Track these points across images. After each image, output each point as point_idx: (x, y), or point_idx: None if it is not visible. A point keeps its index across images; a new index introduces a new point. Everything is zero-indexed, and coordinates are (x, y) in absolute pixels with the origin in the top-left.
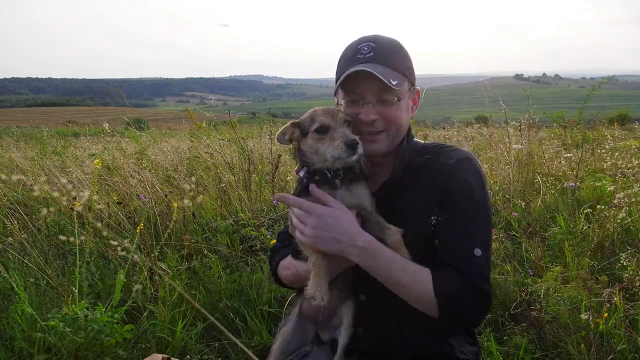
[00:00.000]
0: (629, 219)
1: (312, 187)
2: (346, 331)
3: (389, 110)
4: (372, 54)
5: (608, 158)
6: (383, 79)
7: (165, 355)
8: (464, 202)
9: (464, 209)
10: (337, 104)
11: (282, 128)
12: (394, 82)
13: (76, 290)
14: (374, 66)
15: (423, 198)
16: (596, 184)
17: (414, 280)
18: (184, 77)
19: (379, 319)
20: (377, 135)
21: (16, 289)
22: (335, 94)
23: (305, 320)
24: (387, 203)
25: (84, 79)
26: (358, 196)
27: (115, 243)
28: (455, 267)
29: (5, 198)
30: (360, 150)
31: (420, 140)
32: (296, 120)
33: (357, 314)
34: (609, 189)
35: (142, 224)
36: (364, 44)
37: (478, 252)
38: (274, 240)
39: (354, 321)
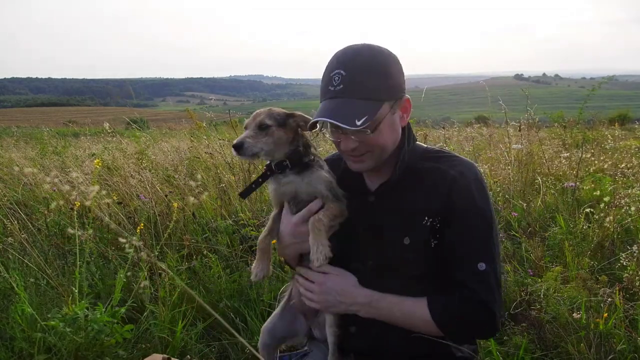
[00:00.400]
0: (629, 219)
1: (299, 269)
2: (331, 329)
3: (367, 138)
4: (341, 86)
5: (608, 159)
6: (344, 126)
7: (166, 356)
8: (465, 215)
9: (466, 222)
10: None
11: None
12: (361, 120)
13: (76, 290)
14: (341, 104)
15: (423, 201)
16: (596, 183)
17: (414, 317)
18: (184, 77)
19: (373, 318)
20: (361, 157)
21: (16, 289)
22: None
23: (296, 311)
24: (386, 203)
25: (84, 79)
26: (311, 183)
27: (123, 240)
28: (460, 283)
29: (5, 198)
30: (248, 151)
31: (422, 144)
32: None
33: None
34: (608, 187)
35: (142, 224)
36: (335, 73)
37: (482, 266)
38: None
39: (346, 319)
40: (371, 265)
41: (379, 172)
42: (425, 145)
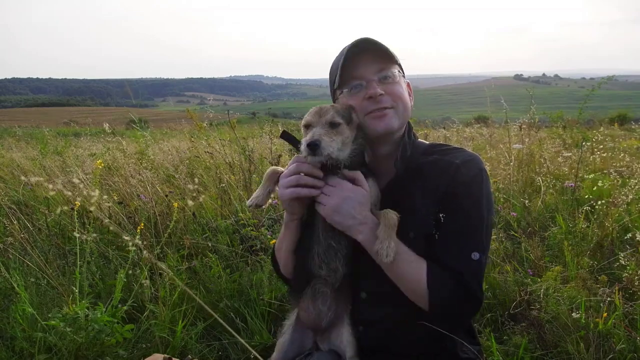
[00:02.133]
0: (628, 218)
1: (344, 170)
2: (350, 345)
3: (391, 87)
4: (363, 37)
5: (608, 159)
6: (382, 44)
7: (167, 356)
8: (467, 203)
9: (467, 211)
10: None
11: None
12: (392, 54)
13: (77, 290)
14: (367, 42)
15: (429, 197)
16: (596, 183)
17: (412, 269)
18: (184, 77)
19: (380, 317)
20: (386, 111)
21: (17, 288)
22: (333, 93)
23: (303, 328)
24: (392, 200)
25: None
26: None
27: (127, 238)
28: (450, 267)
29: (7, 198)
30: (325, 151)
31: (424, 141)
32: None
33: (357, 311)
34: (608, 187)
35: (142, 224)
36: (351, 43)
37: (476, 255)
38: (274, 241)
39: (354, 319)
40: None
41: (386, 167)
42: (428, 142)
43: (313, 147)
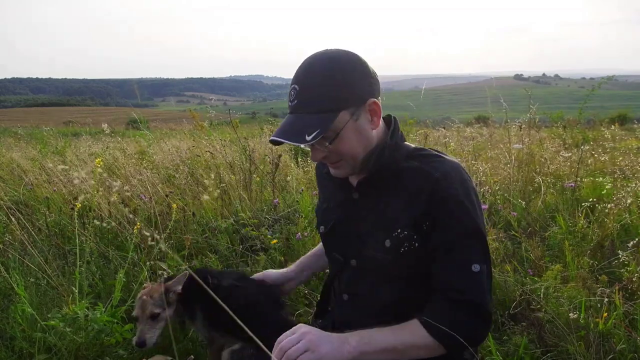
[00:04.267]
0: (629, 218)
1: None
2: None
3: (333, 147)
4: (295, 102)
5: (608, 159)
6: (293, 143)
7: (169, 358)
8: (453, 218)
9: (454, 225)
10: None
11: None
12: (312, 135)
13: (76, 290)
14: (294, 119)
15: (405, 204)
16: (596, 183)
17: (412, 339)
18: (184, 77)
19: (363, 321)
20: (336, 163)
21: (16, 288)
22: None
23: None
24: (370, 202)
25: (84, 79)
26: None
27: (147, 234)
28: (453, 290)
29: (7, 197)
30: (150, 344)
31: (410, 144)
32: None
33: (341, 312)
34: (608, 187)
35: (139, 224)
36: (292, 88)
37: (476, 267)
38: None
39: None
40: (353, 262)
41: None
42: (414, 145)
43: (141, 345)
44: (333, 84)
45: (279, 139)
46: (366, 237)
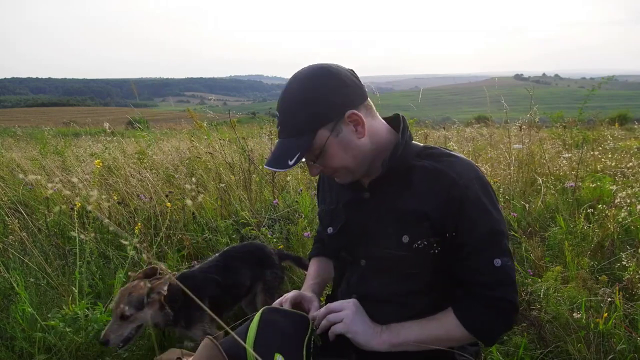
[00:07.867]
0: (629, 219)
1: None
2: None
3: (321, 164)
4: (279, 127)
5: (608, 159)
6: (277, 169)
7: (185, 351)
8: (472, 216)
9: (474, 222)
10: None
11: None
12: (294, 159)
13: (76, 290)
14: (279, 145)
15: (420, 201)
16: (597, 183)
17: (446, 334)
18: (184, 77)
19: (372, 317)
20: (335, 175)
21: (16, 288)
22: None
23: None
24: (381, 200)
25: (84, 79)
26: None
27: (125, 242)
28: (479, 284)
29: (6, 197)
30: (113, 343)
31: (418, 143)
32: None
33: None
34: (609, 187)
35: (139, 224)
36: (277, 115)
37: (498, 262)
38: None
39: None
40: (362, 262)
41: (374, 165)
42: (423, 144)
43: (104, 343)
44: (304, 104)
45: (269, 168)
46: (377, 236)
